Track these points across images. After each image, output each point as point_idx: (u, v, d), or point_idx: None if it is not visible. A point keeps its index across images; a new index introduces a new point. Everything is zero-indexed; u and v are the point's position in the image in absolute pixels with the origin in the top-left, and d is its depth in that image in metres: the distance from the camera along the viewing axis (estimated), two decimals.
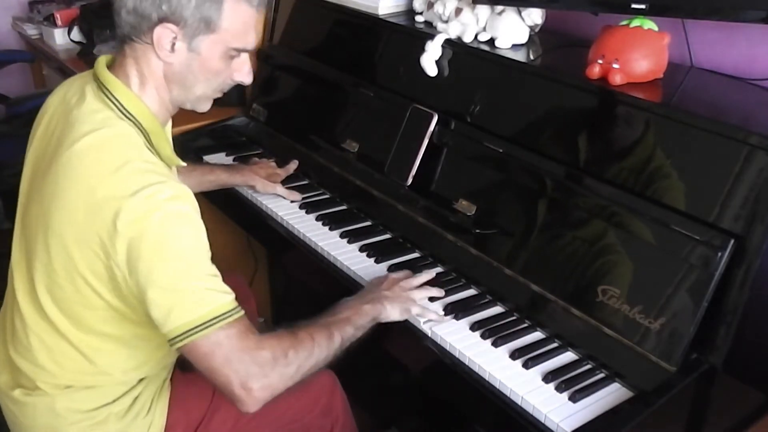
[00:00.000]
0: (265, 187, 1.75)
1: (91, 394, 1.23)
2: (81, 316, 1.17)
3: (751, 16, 1.25)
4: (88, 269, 1.11)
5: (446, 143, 1.55)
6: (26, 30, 3.07)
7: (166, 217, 1.06)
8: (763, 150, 1.10)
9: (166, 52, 1.14)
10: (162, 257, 1.06)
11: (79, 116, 1.16)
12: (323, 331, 1.21)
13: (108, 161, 1.10)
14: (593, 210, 1.28)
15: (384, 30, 1.82)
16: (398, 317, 1.31)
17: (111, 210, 1.05)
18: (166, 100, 1.21)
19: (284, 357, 1.12)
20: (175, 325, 1.07)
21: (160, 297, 1.07)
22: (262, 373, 1.09)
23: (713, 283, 1.11)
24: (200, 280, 1.09)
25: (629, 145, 1.29)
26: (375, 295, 1.32)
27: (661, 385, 1.11)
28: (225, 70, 1.20)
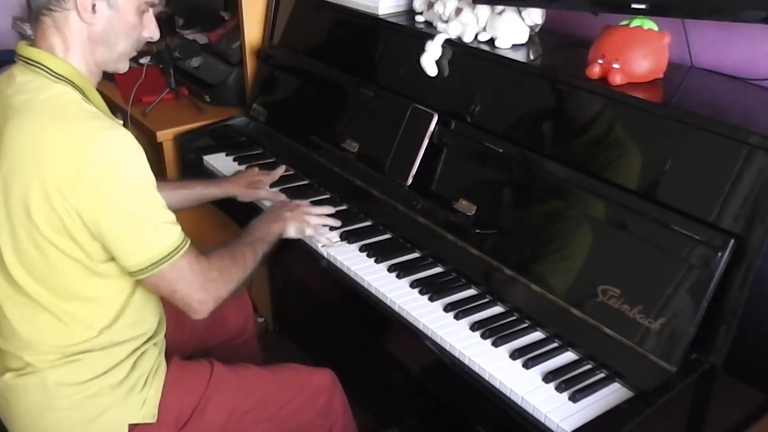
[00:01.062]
0: (246, 195, 1.75)
1: (79, 366, 1.26)
2: (51, 279, 1.21)
3: (751, 16, 1.25)
4: (45, 224, 1.16)
5: (446, 143, 1.55)
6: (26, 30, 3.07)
7: (121, 160, 1.15)
8: (763, 150, 1.11)
9: (89, 14, 1.21)
10: (123, 197, 1.16)
11: (13, 92, 1.21)
12: (250, 249, 1.40)
13: (53, 116, 1.16)
14: (593, 210, 1.28)
15: (384, 30, 1.82)
16: (294, 235, 1.55)
17: (70, 159, 1.12)
18: (91, 63, 1.27)
19: (228, 274, 1.31)
20: (142, 258, 1.19)
21: (123, 235, 1.17)
22: (215, 289, 1.28)
23: (713, 283, 1.11)
24: (157, 209, 1.21)
25: (629, 146, 1.29)
26: (278, 215, 1.55)
27: (661, 385, 1.11)
28: (139, 25, 1.29)
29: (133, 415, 1.29)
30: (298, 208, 1.57)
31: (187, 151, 2.04)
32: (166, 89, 2.20)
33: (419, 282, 1.42)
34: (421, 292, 1.40)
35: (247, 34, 2.13)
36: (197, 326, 1.62)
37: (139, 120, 2.12)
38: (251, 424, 1.41)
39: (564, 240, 1.31)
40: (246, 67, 2.16)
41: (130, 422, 1.29)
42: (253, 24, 2.13)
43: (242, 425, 1.40)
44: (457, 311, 1.34)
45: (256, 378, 1.45)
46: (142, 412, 1.30)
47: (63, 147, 1.13)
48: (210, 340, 1.65)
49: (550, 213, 1.35)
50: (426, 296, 1.39)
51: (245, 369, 1.46)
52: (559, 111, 1.42)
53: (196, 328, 1.62)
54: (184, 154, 2.06)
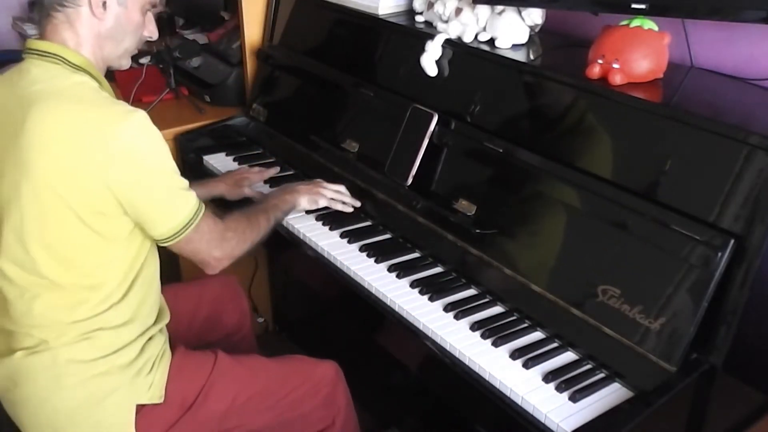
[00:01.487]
0: (232, 193, 1.77)
1: (91, 344, 1.28)
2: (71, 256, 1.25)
3: (751, 16, 1.25)
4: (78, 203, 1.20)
5: (446, 143, 1.55)
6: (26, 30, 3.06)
7: (149, 139, 1.23)
8: (763, 150, 1.11)
9: (101, 10, 1.27)
10: (154, 173, 1.24)
11: (29, 83, 1.24)
12: (263, 214, 1.51)
13: (78, 101, 1.22)
14: (593, 210, 1.28)
15: (384, 30, 1.82)
16: (307, 206, 1.63)
17: (98, 141, 1.18)
18: (99, 58, 1.32)
19: (243, 234, 1.43)
20: (172, 224, 1.28)
21: (155, 201, 1.25)
22: (229, 247, 1.39)
23: (713, 283, 1.11)
24: (180, 181, 1.29)
25: (629, 146, 1.29)
26: (293, 187, 1.64)
27: (661, 385, 1.11)
28: (142, 24, 1.35)
29: (141, 396, 1.31)
30: (312, 182, 1.66)
31: (187, 151, 2.04)
32: (166, 89, 2.20)
33: (419, 282, 1.42)
34: (421, 292, 1.40)
35: (247, 34, 2.13)
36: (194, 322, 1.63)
37: None
38: (254, 411, 1.42)
39: (564, 240, 1.31)
40: (246, 67, 2.16)
41: (138, 403, 1.30)
42: (253, 24, 2.13)
43: (245, 412, 1.41)
44: (457, 311, 1.34)
45: (260, 367, 1.47)
46: (149, 394, 1.32)
47: (91, 129, 1.18)
48: (208, 336, 1.65)
49: (550, 213, 1.35)
50: (426, 296, 1.39)
51: (249, 358, 1.48)
52: (559, 111, 1.42)
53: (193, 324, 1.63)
54: (184, 154, 2.06)
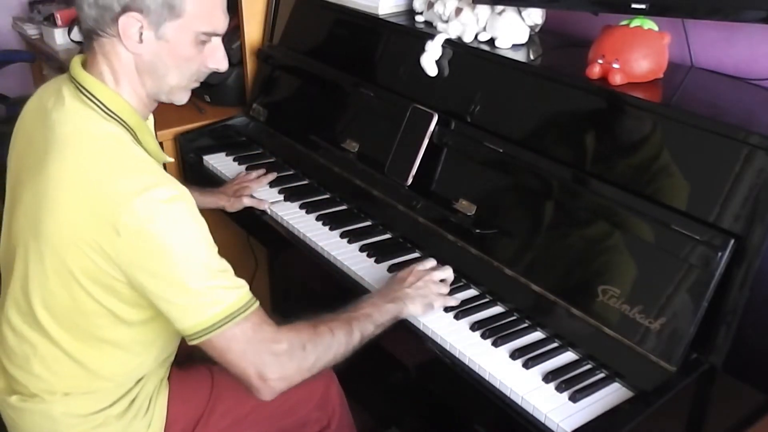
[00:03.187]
0: (233, 204, 1.74)
1: (88, 399, 1.23)
2: (76, 323, 1.16)
3: (751, 16, 1.25)
4: (83, 274, 1.10)
5: (446, 143, 1.55)
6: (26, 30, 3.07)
7: (169, 218, 1.05)
8: (763, 150, 1.10)
9: (134, 43, 1.12)
10: (167, 260, 1.06)
11: (59, 119, 1.13)
12: (344, 325, 1.21)
13: (100, 164, 1.08)
14: (593, 210, 1.28)
15: (384, 30, 1.82)
16: (421, 313, 1.31)
17: (110, 214, 1.04)
18: (142, 95, 1.18)
19: (302, 349, 1.14)
20: (191, 323, 1.08)
21: (173, 296, 1.07)
22: (279, 364, 1.12)
23: (713, 283, 1.11)
24: (211, 278, 1.09)
25: (629, 145, 1.29)
26: (398, 293, 1.31)
27: (661, 385, 1.11)
28: (197, 57, 1.18)
29: None
30: (420, 278, 1.34)
31: (187, 151, 2.04)
32: None
33: None
34: None
35: (247, 34, 2.13)
36: None
37: None
38: (253, 423, 1.41)
39: (564, 240, 1.31)
40: (246, 67, 2.16)
41: None
42: (253, 24, 2.14)
43: (245, 426, 1.39)
44: (457, 311, 1.34)
45: None
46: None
47: (104, 199, 1.04)
48: None
49: (550, 213, 1.35)
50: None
51: None
52: (559, 111, 1.42)
53: None
54: (184, 154, 2.06)
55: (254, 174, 1.84)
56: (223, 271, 1.11)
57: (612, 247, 1.24)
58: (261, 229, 1.78)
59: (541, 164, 1.37)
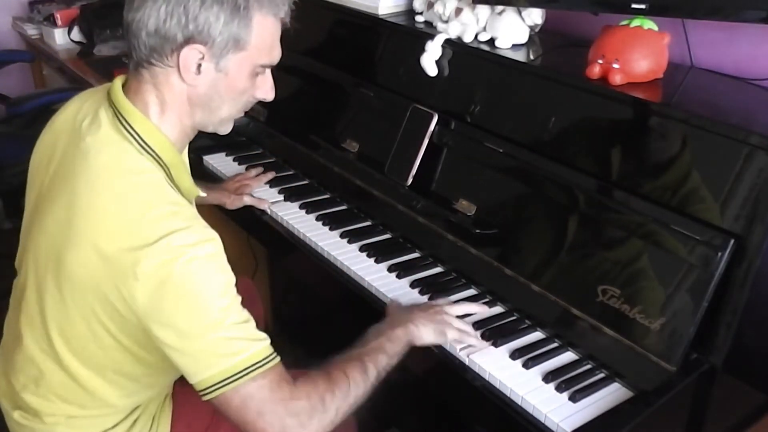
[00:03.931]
0: (234, 202, 1.73)
1: (91, 421, 1.20)
2: (93, 356, 1.12)
3: (751, 16, 1.25)
4: (103, 312, 1.06)
5: (446, 143, 1.55)
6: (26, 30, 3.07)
7: (192, 264, 1.00)
8: (763, 150, 1.10)
9: (192, 75, 1.07)
10: (187, 306, 1.01)
11: (93, 145, 1.08)
12: (357, 365, 1.14)
13: (129, 203, 1.03)
14: (593, 210, 1.28)
15: (384, 30, 1.82)
16: (433, 340, 1.24)
17: (131, 257, 0.99)
18: (187, 126, 1.14)
19: (321, 403, 1.07)
20: (204, 376, 1.02)
21: (186, 347, 1.02)
22: (299, 424, 1.04)
23: (713, 283, 1.11)
24: (229, 329, 1.02)
25: (629, 146, 1.29)
26: (406, 317, 1.25)
27: (661, 385, 1.11)
28: (250, 89, 1.15)
29: None
30: (433, 308, 1.28)
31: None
32: None
33: (419, 282, 1.42)
34: (421, 292, 1.40)
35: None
36: None
37: None
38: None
39: (564, 240, 1.31)
40: None
41: None
42: None
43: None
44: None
45: None
46: None
47: (126, 239, 1.00)
48: None
49: (550, 213, 1.35)
50: (426, 296, 1.39)
51: None
52: (559, 111, 1.42)
53: None
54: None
55: (254, 172, 1.84)
56: (244, 322, 1.05)
57: (612, 247, 1.24)
58: (261, 229, 1.78)
59: (541, 164, 1.37)
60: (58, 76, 2.86)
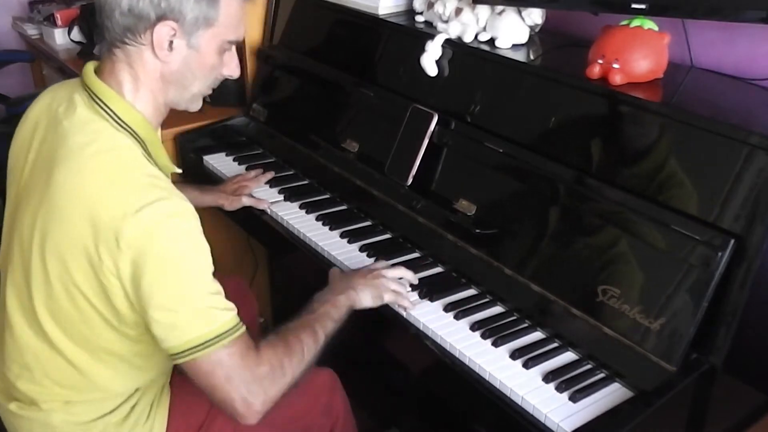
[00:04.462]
0: (232, 203, 1.74)
1: (88, 406, 1.22)
2: (80, 333, 1.15)
3: (751, 16, 1.25)
4: (87, 285, 1.09)
5: (446, 143, 1.55)
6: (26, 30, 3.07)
7: (171, 234, 1.05)
8: (763, 150, 1.11)
9: (165, 52, 1.12)
10: (165, 275, 1.05)
11: (70, 128, 1.12)
12: (309, 332, 1.21)
13: (109, 178, 1.07)
14: (593, 210, 1.28)
15: (384, 30, 1.82)
16: (371, 304, 1.33)
17: (114, 229, 1.03)
18: (160, 104, 1.19)
19: (281, 369, 1.14)
20: (177, 342, 1.07)
21: (161, 314, 1.06)
22: (262, 388, 1.11)
23: (713, 283, 1.11)
24: (202, 298, 1.08)
25: (629, 145, 1.29)
26: (347, 283, 1.34)
27: (661, 385, 1.11)
28: (219, 65, 1.20)
29: None
30: (371, 273, 1.38)
31: (187, 151, 2.04)
32: None
33: (419, 282, 1.42)
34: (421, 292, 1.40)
35: (247, 34, 2.12)
36: None
37: None
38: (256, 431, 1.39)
39: (564, 240, 1.31)
40: (246, 67, 2.16)
41: None
42: (253, 24, 2.14)
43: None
44: (457, 311, 1.34)
45: None
46: None
47: (109, 211, 1.04)
48: None
49: (550, 213, 1.35)
50: (426, 297, 1.39)
51: None
52: (559, 111, 1.42)
53: None
54: (184, 154, 2.06)
55: (252, 173, 1.84)
56: (216, 293, 1.10)
57: (612, 247, 1.24)
58: (261, 229, 1.78)
59: (541, 164, 1.37)
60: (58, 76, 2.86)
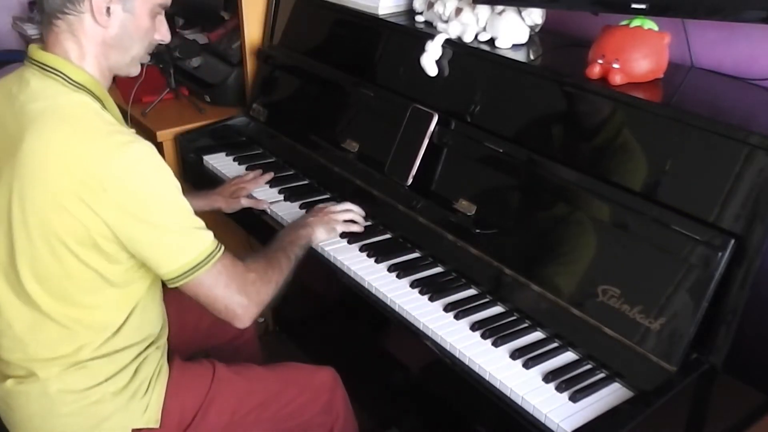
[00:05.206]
0: (230, 205, 1.75)
1: (83, 373, 1.25)
2: (63, 289, 1.20)
3: (751, 16, 1.25)
4: (70, 236, 1.15)
5: (446, 143, 1.55)
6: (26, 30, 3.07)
7: (149, 168, 1.15)
8: (763, 150, 1.11)
9: (104, 17, 1.19)
10: (155, 203, 1.15)
11: (28, 99, 1.18)
12: (282, 253, 1.40)
13: (77, 129, 1.14)
14: (593, 210, 1.28)
15: (384, 30, 1.82)
16: (326, 237, 1.54)
17: (95, 172, 1.11)
18: (104, 69, 1.25)
19: (266, 275, 1.30)
20: (176, 266, 1.18)
21: (155, 247, 1.17)
22: (255, 291, 1.26)
23: (713, 283, 1.11)
24: (189, 219, 1.20)
25: (629, 146, 1.29)
26: (305, 221, 1.55)
27: (661, 385, 1.11)
28: (152, 29, 1.28)
29: (136, 420, 1.28)
30: (322, 211, 1.58)
31: (188, 151, 2.04)
32: (166, 89, 2.20)
33: (419, 282, 1.42)
34: (421, 292, 1.40)
35: (247, 34, 2.13)
36: (199, 327, 1.62)
37: (139, 120, 2.12)
38: (254, 424, 1.41)
39: (564, 240, 1.31)
40: (246, 67, 2.16)
41: (133, 427, 1.28)
42: (253, 24, 2.13)
43: (244, 426, 1.40)
44: (457, 311, 1.34)
45: (258, 378, 1.45)
46: (144, 418, 1.29)
47: (87, 160, 1.11)
48: (211, 341, 1.65)
49: (550, 213, 1.35)
50: (426, 296, 1.39)
51: (247, 369, 1.46)
52: (559, 111, 1.42)
53: (198, 329, 1.62)
54: (184, 154, 2.06)
55: (251, 175, 1.84)
56: (192, 211, 1.21)
57: (612, 247, 1.24)
58: (261, 229, 1.78)
59: (541, 164, 1.37)
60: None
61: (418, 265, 1.48)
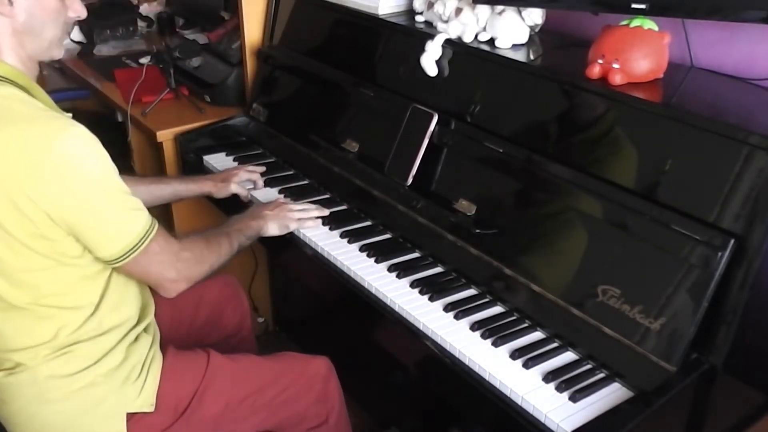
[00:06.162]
0: (219, 190, 1.76)
1: (69, 358, 1.26)
2: (27, 281, 1.21)
3: (751, 16, 1.25)
4: (22, 232, 1.15)
5: (446, 143, 1.55)
6: None
7: (86, 153, 1.16)
8: (763, 150, 1.11)
9: (7, 8, 1.18)
10: (93, 188, 1.17)
11: None
12: (225, 237, 1.44)
13: (9, 120, 1.14)
14: (593, 210, 1.28)
15: (384, 30, 1.82)
16: (277, 232, 1.57)
17: (33, 160, 1.12)
18: (24, 58, 1.24)
19: (201, 256, 1.35)
20: (114, 249, 1.21)
21: (95, 231, 1.19)
22: (185, 268, 1.31)
23: (713, 283, 1.11)
24: (124, 201, 1.22)
25: (630, 146, 1.29)
26: (258, 213, 1.57)
27: (661, 385, 1.11)
28: (62, 8, 1.26)
29: (130, 404, 1.30)
30: (279, 206, 1.60)
31: (187, 151, 2.04)
32: (166, 89, 2.20)
33: (419, 282, 1.42)
34: (421, 292, 1.40)
35: (247, 34, 2.13)
36: (194, 324, 1.63)
37: (139, 120, 2.12)
38: (248, 411, 1.42)
39: (564, 240, 1.31)
40: (246, 67, 2.16)
41: (128, 411, 1.29)
42: (253, 24, 2.14)
43: (239, 413, 1.41)
44: (457, 311, 1.34)
45: (253, 366, 1.47)
46: (139, 401, 1.30)
47: (22, 150, 1.12)
48: (207, 339, 1.65)
49: (550, 213, 1.35)
50: (426, 296, 1.39)
51: (242, 357, 1.47)
52: (559, 111, 1.42)
53: (193, 326, 1.62)
54: (184, 154, 2.06)
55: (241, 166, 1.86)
56: (129, 192, 1.23)
57: (612, 247, 1.24)
58: None
59: (541, 164, 1.37)
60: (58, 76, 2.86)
61: (418, 265, 1.48)
